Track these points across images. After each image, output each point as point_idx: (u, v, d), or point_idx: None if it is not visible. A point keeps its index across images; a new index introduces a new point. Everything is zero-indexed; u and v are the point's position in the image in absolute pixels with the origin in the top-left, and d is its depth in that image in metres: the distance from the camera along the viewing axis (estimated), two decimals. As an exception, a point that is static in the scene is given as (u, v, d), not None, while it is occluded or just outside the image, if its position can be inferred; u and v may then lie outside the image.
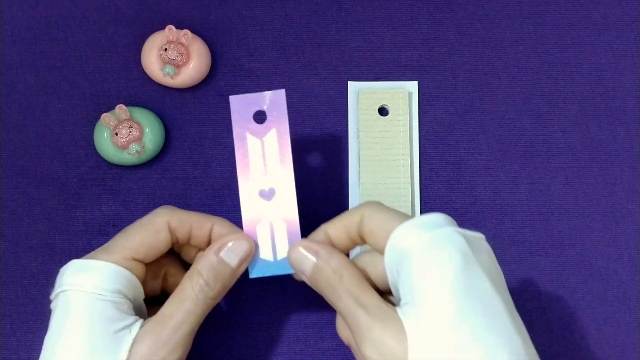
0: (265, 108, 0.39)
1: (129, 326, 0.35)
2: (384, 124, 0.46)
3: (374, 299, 0.34)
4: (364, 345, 0.33)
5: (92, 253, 0.37)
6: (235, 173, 0.38)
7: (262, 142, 0.39)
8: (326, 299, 0.36)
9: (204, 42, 0.47)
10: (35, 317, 0.45)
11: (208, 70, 0.47)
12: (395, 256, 0.34)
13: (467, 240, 0.33)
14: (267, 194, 0.38)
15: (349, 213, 0.37)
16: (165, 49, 0.45)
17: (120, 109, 0.45)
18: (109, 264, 0.36)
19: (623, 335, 0.45)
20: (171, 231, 0.38)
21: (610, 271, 0.45)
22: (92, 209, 0.46)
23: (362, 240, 0.37)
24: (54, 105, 0.47)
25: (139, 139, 0.44)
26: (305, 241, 0.37)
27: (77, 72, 0.47)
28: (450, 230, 0.33)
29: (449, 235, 0.33)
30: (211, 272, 0.36)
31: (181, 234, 0.38)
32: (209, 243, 0.39)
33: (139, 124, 0.45)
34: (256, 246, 0.38)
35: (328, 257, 0.36)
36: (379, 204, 0.37)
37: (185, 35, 0.46)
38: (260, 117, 0.39)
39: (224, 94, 0.47)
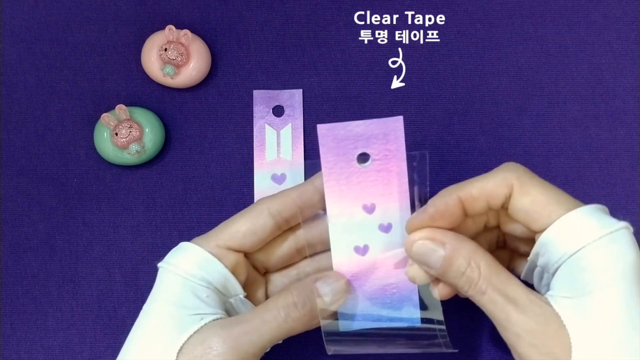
0: (284, 104, 0.39)
1: (201, 314, 0.34)
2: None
3: (520, 289, 0.31)
4: (523, 346, 0.30)
5: (199, 237, 0.37)
6: (235, 173, 0.38)
7: (279, 133, 0.39)
8: (461, 292, 0.33)
9: (204, 42, 0.47)
10: (35, 317, 0.45)
11: (208, 70, 0.47)
12: (559, 244, 0.31)
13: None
14: (279, 178, 0.38)
15: (489, 179, 0.33)
16: (165, 49, 0.45)
17: (120, 109, 0.45)
18: (198, 248, 0.36)
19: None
20: (274, 214, 0.36)
21: (610, 271, 0.45)
22: (92, 209, 0.46)
23: (500, 215, 0.34)
24: (54, 105, 0.47)
25: (139, 139, 0.44)
26: (426, 231, 0.33)
27: (77, 72, 0.47)
28: (627, 232, 0.31)
29: (626, 237, 0.31)
30: (302, 294, 0.35)
31: (288, 212, 0.37)
32: (321, 203, 0.36)
33: (139, 124, 0.45)
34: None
35: (458, 246, 0.32)
36: (527, 171, 0.33)
37: (185, 35, 0.46)
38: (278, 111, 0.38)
39: (224, 94, 0.47)
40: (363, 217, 0.35)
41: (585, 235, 0.31)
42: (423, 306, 0.36)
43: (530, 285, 0.34)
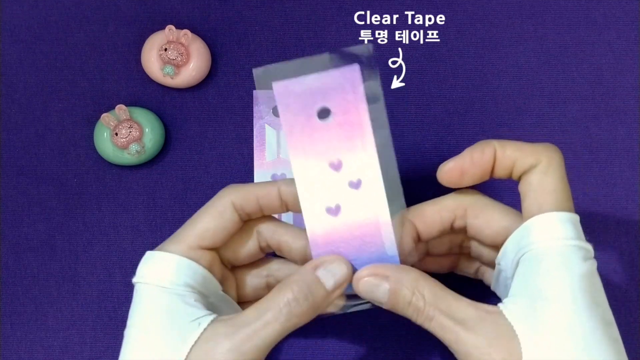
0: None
1: (197, 319, 0.33)
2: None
3: (468, 309, 0.32)
4: None
5: (164, 243, 0.36)
6: (235, 173, 0.38)
7: (279, 133, 0.38)
8: (412, 320, 0.33)
9: (204, 42, 0.47)
10: (35, 317, 0.45)
11: (208, 70, 0.47)
12: (517, 248, 0.33)
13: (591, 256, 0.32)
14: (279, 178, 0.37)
15: (442, 200, 0.36)
16: (165, 49, 0.45)
17: (120, 109, 0.45)
18: (173, 255, 0.34)
19: (623, 335, 0.44)
20: (237, 209, 0.36)
21: (610, 271, 0.45)
22: (92, 209, 0.46)
23: (453, 230, 0.36)
24: (54, 105, 0.47)
25: (139, 139, 0.44)
26: (368, 269, 0.34)
27: (77, 72, 0.47)
28: (583, 243, 0.32)
29: (582, 247, 0.32)
30: (303, 288, 0.33)
31: (250, 209, 0.36)
32: (282, 209, 0.36)
33: (139, 124, 0.45)
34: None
35: (400, 277, 0.33)
36: (474, 192, 0.36)
37: (185, 35, 0.46)
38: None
39: (224, 94, 0.47)
40: (331, 175, 0.34)
41: (544, 238, 0.32)
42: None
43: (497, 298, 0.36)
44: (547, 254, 0.32)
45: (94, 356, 0.44)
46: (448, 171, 0.35)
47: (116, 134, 0.44)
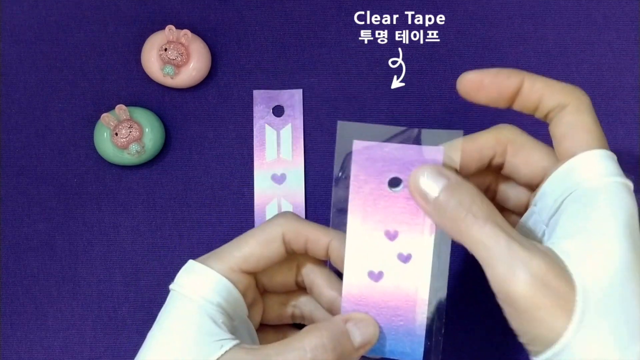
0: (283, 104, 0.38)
1: (221, 341, 0.32)
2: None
3: (518, 234, 0.30)
4: (519, 280, 0.28)
5: (207, 255, 0.36)
6: (235, 173, 0.38)
7: (279, 133, 0.38)
8: (453, 231, 0.31)
9: (204, 42, 0.47)
10: (35, 317, 0.45)
11: (208, 70, 0.47)
12: (562, 189, 0.31)
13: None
14: (279, 178, 0.37)
15: (482, 135, 0.35)
16: (165, 49, 0.45)
17: (120, 109, 0.45)
18: (215, 273, 0.34)
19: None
20: (285, 242, 0.36)
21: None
22: (92, 209, 0.46)
23: (490, 167, 0.35)
24: (54, 105, 0.47)
25: (139, 139, 0.44)
26: (432, 166, 0.32)
27: (77, 72, 0.47)
28: (627, 180, 0.31)
29: (627, 184, 0.31)
30: (333, 337, 0.32)
31: (296, 246, 0.36)
32: (325, 259, 0.36)
33: (139, 124, 0.45)
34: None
35: (461, 180, 0.31)
36: (514, 128, 0.35)
37: (185, 35, 0.46)
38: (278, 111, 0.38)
39: (224, 94, 0.47)
40: (383, 242, 0.34)
41: (591, 177, 0.31)
42: (426, 344, 0.35)
43: None
44: (594, 193, 0.30)
45: (94, 356, 0.44)
46: (468, 81, 0.34)
47: (116, 134, 0.44)
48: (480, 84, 0.34)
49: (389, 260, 0.34)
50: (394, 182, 0.33)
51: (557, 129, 0.33)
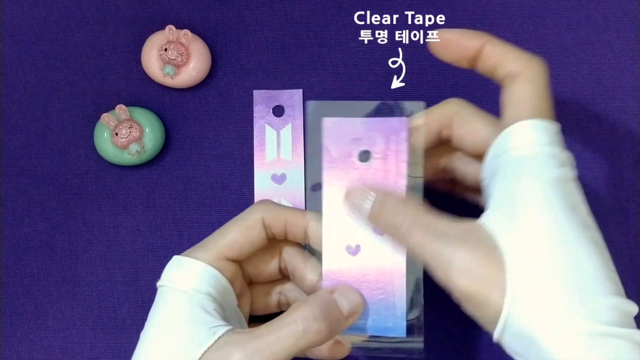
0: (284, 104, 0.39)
1: (213, 328, 0.33)
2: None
3: (447, 224, 0.31)
4: (453, 275, 0.30)
5: (191, 249, 0.36)
6: (235, 173, 0.38)
7: (279, 133, 0.39)
8: (392, 238, 0.33)
9: (204, 42, 0.47)
10: (35, 317, 0.45)
11: (208, 70, 0.47)
12: (496, 159, 0.32)
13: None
14: (279, 178, 0.38)
15: (428, 112, 0.35)
16: (165, 49, 0.45)
17: (120, 109, 0.45)
18: (200, 263, 0.35)
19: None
20: (266, 227, 0.36)
21: (610, 271, 0.45)
22: (92, 209, 0.46)
23: (441, 142, 0.36)
24: (54, 105, 0.47)
25: (139, 139, 0.44)
26: (358, 187, 0.34)
27: (77, 72, 0.47)
28: (557, 150, 0.32)
29: (556, 154, 0.31)
30: (321, 306, 0.33)
31: (276, 230, 0.37)
32: (304, 240, 0.37)
33: (139, 124, 0.45)
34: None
35: (386, 192, 0.33)
36: (461, 101, 0.36)
37: (185, 35, 0.46)
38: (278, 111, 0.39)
39: (224, 94, 0.47)
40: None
41: (518, 145, 0.31)
42: (408, 319, 0.35)
43: None
44: (519, 161, 0.31)
45: (94, 356, 0.44)
46: (438, 38, 0.35)
47: (116, 134, 0.44)
48: (447, 42, 0.35)
49: (365, 234, 0.35)
50: (363, 156, 0.34)
51: (505, 97, 0.34)
